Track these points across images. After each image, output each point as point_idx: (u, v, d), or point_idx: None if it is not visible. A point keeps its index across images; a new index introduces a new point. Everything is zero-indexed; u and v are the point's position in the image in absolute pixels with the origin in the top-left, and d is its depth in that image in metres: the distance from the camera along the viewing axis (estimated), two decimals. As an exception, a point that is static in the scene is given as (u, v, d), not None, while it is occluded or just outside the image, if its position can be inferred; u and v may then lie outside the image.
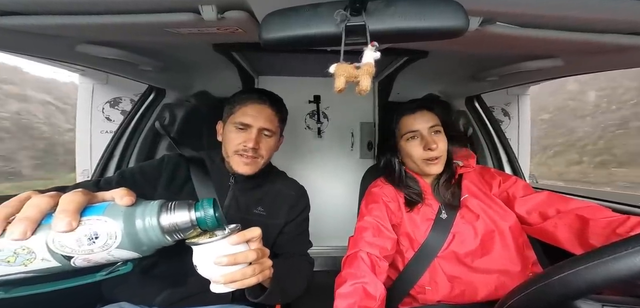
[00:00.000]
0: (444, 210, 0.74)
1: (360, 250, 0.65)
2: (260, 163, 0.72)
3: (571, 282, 0.35)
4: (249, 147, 0.68)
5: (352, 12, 0.41)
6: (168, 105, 1.22)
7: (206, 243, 0.43)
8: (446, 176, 0.78)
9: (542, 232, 0.69)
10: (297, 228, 0.78)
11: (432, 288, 0.70)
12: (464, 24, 0.40)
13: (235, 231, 0.46)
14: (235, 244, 0.45)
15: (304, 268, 0.73)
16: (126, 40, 0.72)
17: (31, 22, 0.51)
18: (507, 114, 1.90)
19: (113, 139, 1.25)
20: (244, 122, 0.69)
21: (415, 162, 0.76)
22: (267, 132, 0.72)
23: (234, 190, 0.74)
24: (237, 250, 0.45)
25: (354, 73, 0.38)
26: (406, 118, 0.77)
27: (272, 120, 0.72)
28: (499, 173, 0.81)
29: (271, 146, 0.74)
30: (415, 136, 0.76)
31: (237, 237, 0.45)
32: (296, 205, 0.79)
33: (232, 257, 0.44)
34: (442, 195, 0.77)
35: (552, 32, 0.55)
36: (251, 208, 0.74)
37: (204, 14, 0.49)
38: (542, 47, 0.67)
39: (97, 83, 1.69)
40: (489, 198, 0.75)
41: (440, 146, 0.74)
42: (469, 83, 1.19)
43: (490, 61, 0.93)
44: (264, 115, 0.70)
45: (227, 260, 0.44)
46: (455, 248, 0.70)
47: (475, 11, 0.49)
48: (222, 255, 0.44)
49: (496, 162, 1.41)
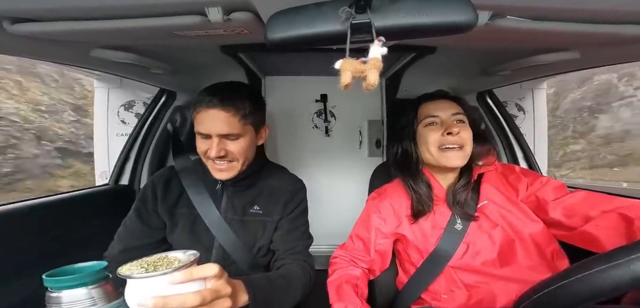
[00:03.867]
0: (459, 219, 0.68)
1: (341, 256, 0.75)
2: (238, 166, 0.68)
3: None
4: (211, 156, 0.64)
5: (357, 10, 0.40)
6: (179, 108, 1.25)
7: (137, 279, 0.36)
8: (465, 180, 0.70)
9: (583, 237, 0.60)
10: (292, 224, 0.74)
11: (448, 296, 0.67)
12: (472, 19, 0.39)
13: (186, 265, 0.37)
14: (178, 283, 0.36)
15: (298, 277, 0.66)
16: (137, 44, 0.74)
17: (48, 29, 0.53)
18: (521, 108, 1.83)
19: (128, 142, 1.29)
20: (201, 132, 0.65)
21: (430, 150, 0.69)
22: (230, 137, 0.65)
23: (227, 194, 0.74)
24: (175, 292, 0.36)
25: (360, 68, 0.38)
26: (426, 104, 0.73)
27: (230, 123, 0.63)
28: (526, 174, 0.72)
29: (244, 146, 0.67)
30: (434, 122, 0.70)
31: (181, 275, 0.36)
32: (292, 200, 0.75)
33: (160, 300, 0.35)
34: (458, 202, 0.69)
35: (567, 25, 0.53)
36: (247, 209, 0.73)
37: (210, 15, 0.50)
38: (557, 40, 0.65)
39: (111, 87, 1.75)
40: (513, 203, 0.68)
41: (462, 134, 0.67)
42: (480, 78, 1.15)
43: (502, 55, 0.89)
44: (218, 121, 0.63)
45: (153, 302, 0.35)
46: (470, 259, 0.66)
47: (484, 5, 0.48)
48: (150, 296, 0.35)
49: (511, 158, 1.37)
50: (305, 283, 0.67)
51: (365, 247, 0.74)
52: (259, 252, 0.73)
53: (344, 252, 0.76)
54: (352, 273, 0.70)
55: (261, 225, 0.73)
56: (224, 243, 0.71)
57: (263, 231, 0.73)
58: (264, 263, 0.75)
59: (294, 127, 1.74)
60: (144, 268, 0.37)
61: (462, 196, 0.69)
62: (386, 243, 0.74)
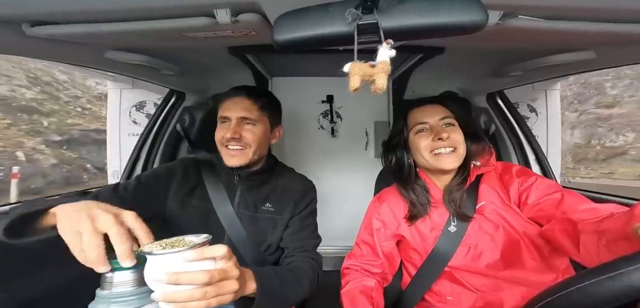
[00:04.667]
0: (454, 221, 0.68)
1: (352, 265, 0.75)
2: (249, 153, 0.71)
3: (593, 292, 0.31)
4: (227, 137, 0.70)
5: (363, 11, 0.40)
6: (188, 108, 1.27)
7: (155, 255, 0.38)
8: (459, 179, 0.70)
9: (550, 238, 0.60)
10: (302, 223, 0.76)
11: (453, 298, 0.67)
12: (482, 19, 0.38)
13: (198, 245, 0.41)
14: (191, 260, 0.39)
15: (305, 273, 0.68)
16: (148, 46, 0.76)
17: (65, 31, 0.56)
18: (533, 110, 1.78)
19: (139, 141, 1.32)
20: (223, 115, 0.73)
21: (423, 155, 0.70)
22: (247, 121, 0.72)
23: (241, 189, 0.76)
24: (188, 268, 0.39)
25: (369, 72, 0.38)
26: (415, 111, 0.74)
27: (250, 109, 0.72)
28: (522, 173, 0.71)
29: (258, 135, 0.73)
30: (424, 129, 0.71)
31: (193, 253, 0.39)
32: (302, 199, 0.77)
33: (173, 276, 0.38)
34: (454, 203, 0.69)
35: (583, 24, 0.51)
36: (259, 206, 0.75)
37: (218, 17, 0.51)
38: (572, 39, 0.63)
39: (124, 88, 1.81)
40: (507, 204, 0.68)
41: (452, 137, 0.68)
42: (490, 79, 1.13)
43: (514, 55, 0.87)
44: (240, 105, 0.72)
45: (167, 278, 0.38)
46: (473, 261, 0.66)
47: (495, 5, 0.47)
48: (164, 271, 0.38)
49: (523, 160, 1.33)
50: (312, 280, 0.68)
51: (373, 251, 0.74)
52: (267, 250, 0.75)
53: (355, 262, 0.75)
54: (367, 284, 0.69)
55: (272, 223, 0.75)
56: (233, 238, 0.72)
57: (273, 229, 0.74)
58: (270, 261, 0.76)
59: (300, 128, 1.75)
60: (162, 247, 0.40)
61: (456, 195, 0.69)
62: (389, 245, 0.75)
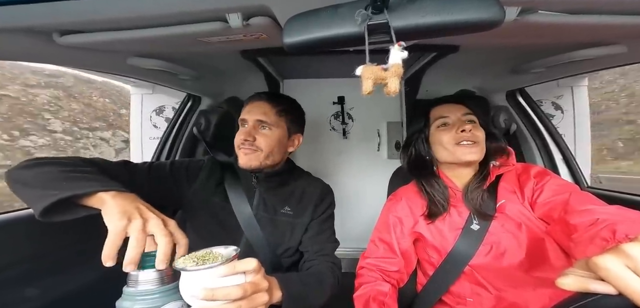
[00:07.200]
0: (475, 218, 0.68)
1: (367, 265, 0.73)
2: (260, 156, 0.72)
3: None
4: (241, 138, 0.72)
5: (373, 11, 0.39)
6: (203, 112, 1.31)
7: (190, 271, 0.39)
8: (479, 178, 0.70)
9: (554, 239, 0.60)
10: (320, 226, 0.77)
11: (474, 300, 0.65)
12: (499, 16, 0.37)
13: (228, 260, 0.41)
14: (224, 276, 0.40)
15: (326, 277, 0.69)
16: (166, 52, 0.79)
17: (91, 39, 0.59)
18: (559, 107, 1.68)
19: (159, 145, 1.38)
20: (242, 118, 0.75)
21: (446, 147, 0.70)
22: (263, 125, 0.73)
23: (259, 191, 0.76)
24: (221, 284, 0.40)
25: (381, 75, 0.37)
26: (437, 107, 0.76)
27: (267, 112, 0.73)
28: (539, 173, 0.69)
29: (272, 140, 0.73)
30: (446, 122, 0.73)
31: (226, 268, 0.40)
32: (321, 203, 0.78)
33: (209, 292, 0.38)
34: (474, 201, 0.69)
35: (610, 17, 0.48)
36: (278, 209, 0.76)
37: (230, 21, 0.52)
38: (599, 34, 0.59)
39: (145, 93, 1.89)
40: (523, 205, 0.67)
41: (474, 132, 0.69)
42: (509, 76, 1.08)
43: (534, 51, 0.83)
44: (258, 109, 0.73)
45: (203, 293, 0.38)
46: (495, 260, 0.64)
47: (512, 1, 0.45)
48: (200, 287, 0.38)
49: (548, 161, 1.24)
50: (333, 283, 0.69)
51: (390, 249, 0.73)
52: (285, 253, 0.75)
53: (371, 260, 0.74)
54: (380, 289, 0.68)
55: (290, 227, 0.75)
56: (251, 240, 0.73)
57: (291, 233, 0.75)
58: (286, 264, 0.76)
59: (312, 130, 1.75)
60: (195, 262, 0.40)
61: (476, 193, 0.69)
62: (407, 243, 0.73)
